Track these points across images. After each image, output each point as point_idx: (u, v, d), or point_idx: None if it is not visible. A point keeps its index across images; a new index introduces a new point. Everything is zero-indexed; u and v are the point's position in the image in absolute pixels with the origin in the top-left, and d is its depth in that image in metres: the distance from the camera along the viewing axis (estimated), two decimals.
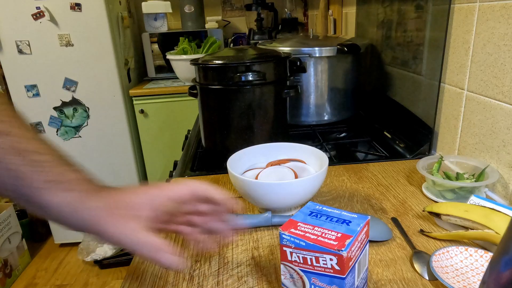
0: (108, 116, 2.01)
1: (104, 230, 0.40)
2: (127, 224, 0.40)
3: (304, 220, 0.40)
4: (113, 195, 0.41)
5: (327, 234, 0.38)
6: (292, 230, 0.39)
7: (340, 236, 0.37)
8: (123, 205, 0.41)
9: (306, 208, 0.43)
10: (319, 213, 0.42)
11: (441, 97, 0.81)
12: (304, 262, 0.38)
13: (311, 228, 0.39)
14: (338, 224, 0.39)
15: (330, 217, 0.40)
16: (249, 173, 0.66)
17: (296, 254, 0.38)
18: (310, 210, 0.42)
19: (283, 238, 0.39)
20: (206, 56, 0.84)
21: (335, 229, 0.38)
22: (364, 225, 0.39)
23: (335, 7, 1.62)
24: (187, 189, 0.44)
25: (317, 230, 0.38)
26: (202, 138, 0.90)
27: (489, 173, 0.62)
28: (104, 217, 0.40)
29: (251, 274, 0.48)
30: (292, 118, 1.04)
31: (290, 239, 0.38)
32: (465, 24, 0.71)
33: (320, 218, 0.41)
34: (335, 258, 0.36)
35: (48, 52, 1.88)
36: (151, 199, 0.42)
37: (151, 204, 0.41)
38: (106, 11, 1.85)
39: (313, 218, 0.41)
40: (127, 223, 0.40)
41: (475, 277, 0.45)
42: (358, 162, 0.82)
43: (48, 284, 1.95)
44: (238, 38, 2.51)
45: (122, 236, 0.39)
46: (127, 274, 0.51)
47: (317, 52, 1.00)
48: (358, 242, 0.38)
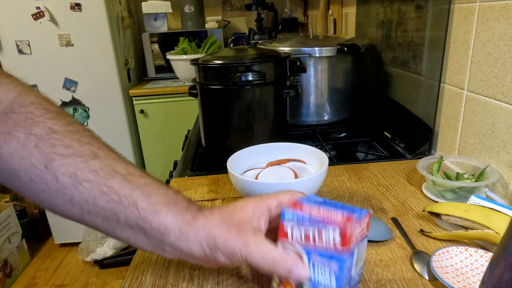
0: (108, 116, 2.01)
1: (212, 239, 0.38)
2: (248, 238, 0.38)
3: (308, 202, 0.40)
4: (223, 212, 0.40)
5: (333, 213, 0.37)
6: (298, 208, 0.38)
7: (345, 215, 0.37)
8: (237, 219, 0.39)
9: (309, 197, 0.43)
10: (324, 201, 0.41)
11: (441, 97, 0.81)
12: (305, 239, 0.37)
13: (316, 208, 0.38)
14: (342, 209, 0.39)
15: (334, 204, 0.40)
16: (249, 173, 0.66)
17: (297, 230, 0.38)
18: (314, 199, 0.42)
19: (285, 214, 0.38)
20: (206, 56, 0.84)
21: (340, 211, 0.38)
22: (367, 215, 0.39)
23: (335, 7, 1.62)
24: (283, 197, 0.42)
25: (323, 210, 0.38)
26: (202, 138, 0.90)
27: (489, 173, 0.62)
28: (225, 233, 0.38)
29: (251, 274, 0.48)
30: (292, 118, 1.04)
31: (293, 214, 0.38)
32: (465, 24, 0.71)
33: (324, 204, 0.40)
34: (338, 230, 0.35)
35: (48, 52, 1.88)
36: (261, 211, 0.40)
37: (263, 215, 0.40)
38: (106, 11, 1.85)
39: (317, 203, 0.40)
40: (247, 236, 0.38)
41: (475, 277, 0.45)
42: (358, 162, 0.82)
43: (48, 284, 1.95)
44: (238, 38, 2.51)
45: (244, 250, 0.37)
46: (127, 274, 0.51)
47: (317, 52, 1.00)
48: (360, 226, 0.37)
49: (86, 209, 0.38)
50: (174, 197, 0.40)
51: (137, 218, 0.38)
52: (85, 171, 0.37)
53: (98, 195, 0.37)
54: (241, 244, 0.37)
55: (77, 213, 0.38)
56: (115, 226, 0.39)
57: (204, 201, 0.69)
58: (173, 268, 0.51)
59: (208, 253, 0.39)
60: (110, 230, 0.39)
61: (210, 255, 0.39)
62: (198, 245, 0.38)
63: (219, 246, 0.38)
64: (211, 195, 0.71)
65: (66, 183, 0.37)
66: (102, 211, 0.38)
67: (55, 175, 0.37)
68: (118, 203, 0.38)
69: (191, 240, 0.38)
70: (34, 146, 0.37)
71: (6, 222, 1.95)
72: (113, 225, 0.39)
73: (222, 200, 0.68)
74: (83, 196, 0.37)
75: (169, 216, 0.38)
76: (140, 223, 0.38)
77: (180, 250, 0.39)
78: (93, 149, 0.39)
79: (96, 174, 0.37)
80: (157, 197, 0.39)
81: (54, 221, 2.16)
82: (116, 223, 0.38)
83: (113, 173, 0.38)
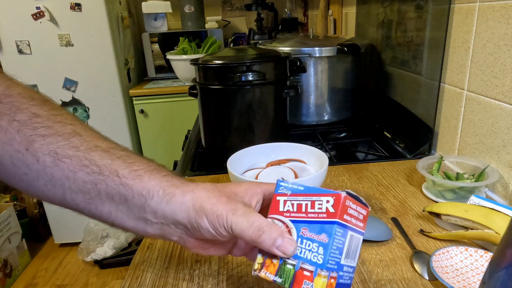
0: (108, 116, 2.01)
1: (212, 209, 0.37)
2: (237, 205, 0.37)
3: None
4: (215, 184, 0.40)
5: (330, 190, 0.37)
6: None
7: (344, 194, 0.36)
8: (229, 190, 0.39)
9: None
10: None
11: (441, 97, 0.81)
12: (297, 210, 0.36)
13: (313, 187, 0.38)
14: None
15: None
16: (249, 173, 0.66)
17: (290, 202, 0.37)
18: None
19: (279, 186, 0.38)
20: (206, 56, 0.84)
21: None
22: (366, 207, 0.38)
23: (335, 7, 1.62)
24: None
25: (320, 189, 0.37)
26: (202, 138, 0.90)
27: (489, 173, 0.62)
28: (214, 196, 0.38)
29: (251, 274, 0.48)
30: (292, 118, 1.04)
31: (287, 186, 0.37)
32: (465, 24, 0.71)
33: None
34: (332, 198, 0.35)
35: (48, 52, 1.88)
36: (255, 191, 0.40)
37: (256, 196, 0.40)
38: (106, 11, 1.85)
39: None
40: (237, 204, 0.38)
41: (475, 277, 0.45)
42: (358, 162, 0.82)
43: (48, 284, 1.95)
44: (238, 38, 2.51)
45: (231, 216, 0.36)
46: (127, 274, 0.51)
47: (317, 52, 1.00)
48: (357, 212, 0.37)
49: (67, 186, 0.37)
50: (157, 166, 0.40)
51: (118, 186, 0.37)
52: (66, 148, 0.37)
53: (79, 169, 0.37)
54: (229, 210, 0.37)
55: (58, 193, 0.38)
56: (96, 200, 0.38)
57: None
58: (173, 268, 0.51)
59: (192, 217, 0.37)
60: (91, 206, 0.38)
61: (194, 220, 0.37)
62: (183, 207, 0.37)
63: (206, 209, 0.37)
64: None
65: (47, 162, 0.36)
66: (83, 185, 0.37)
67: (36, 155, 0.36)
68: (98, 173, 0.37)
69: (177, 201, 0.37)
70: (17, 131, 0.36)
71: (6, 222, 1.95)
72: (94, 200, 0.38)
73: None
74: (63, 172, 0.37)
75: (153, 179, 0.38)
76: (122, 191, 0.37)
77: (162, 215, 0.38)
78: (75, 129, 0.38)
79: (77, 150, 0.37)
80: (140, 165, 0.38)
81: (54, 221, 2.16)
82: (97, 196, 0.37)
83: (94, 148, 0.38)
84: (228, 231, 0.37)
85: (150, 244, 0.57)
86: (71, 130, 0.38)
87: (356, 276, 0.46)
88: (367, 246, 0.53)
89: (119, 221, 0.39)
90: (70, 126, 0.38)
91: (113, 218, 0.39)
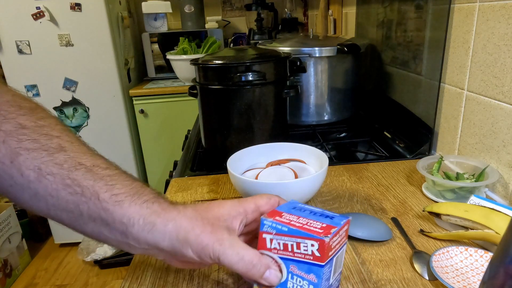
0: (108, 116, 2.01)
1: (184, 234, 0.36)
2: (223, 235, 0.37)
3: (288, 211, 0.40)
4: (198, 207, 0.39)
5: (312, 223, 0.37)
6: (277, 218, 0.38)
7: (325, 226, 0.37)
8: (212, 215, 0.39)
9: (289, 204, 0.43)
10: (303, 208, 0.41)
11: (441, 97, 0.81)
12: (284, 249, 0.37)
13: (295, 218, 0.39)
14: (322, 217, 0.39)
15: (314, 212, 0.40)
16: (249, 173, 0.66)
17: (276, 240, 0.38)
18: (293, 206, 0.42)
19: (264, 225, 0.38)
20: (206, 56, 0.84)
21: (319, 220, 0.38)
22: (346, 222, 0.39)
23: (335, 7, 1.62)
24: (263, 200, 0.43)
25: (302, 220, 0.38)
26: (202, 138, 0.90)
27: (489, 173, 0.62)
28: (198, 226, 0.37)
29: None
30: (292, 118, 1.04)
31: (271, 225, 0.38)
32: (465, 24, 0.71)
33: (304, 212, 0.40)
34: (317, 243, 0.35)
35: (48, 52, 1.88)
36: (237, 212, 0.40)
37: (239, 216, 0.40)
38: (106, 11, 1.85)
39: (297, 211, 0.40)
40: (222, 233, 0.37)
41: (475, 277, 0.45)
42: (358, 162, 0.82)
43: (48, 284, 1.95)
44: (238, 38, 2.51)
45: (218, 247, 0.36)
46: (127, 274, 0.51)
47: (317, 52, 1.00)
48: (339, 236, 0.38)
49: (50, 203, 0.37)
50: (139, 189, 0.39)
51: (99, 210, 0.37)
52: (50, 164, 0.37)
53: (62, 188, 0.37)
54: (215, 240, 0.36)
55: (43, 208, 0.38)
56: (79, 220, 0.38)
57: (204, 201, 0.68)
58: (173, 268, 0.51)
59: (177, 246, 0.37)
60: (75, 224, 0.38)
61: (178, 250, 0.37)
62: (166, 237, 0.37)
63: (190, 240, 0.36)
64: (211, 195, 0.71)
65: (31, 177, 0.36)
66: (66, 204, 0.37)
67: (20, 169, 0.36)
68: (80, 195, 0.37)
69: (159, 231, 0.37)
70: (2, 142, 0.36)
71: (6, 222, 1.95)
72: (77, 219, 0.38)
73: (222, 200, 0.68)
74: (47, 189, 0.37)
75: (133, 206, 0.37)
76: (102, 215, 0.37)
77: (145, 242, 0.37)
78: (61, 143, 0.38)
79: (60, 167, 0.37)
80: (121, 188, 0.38)
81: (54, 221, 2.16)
82: (80, 216, 0.37)
83: (77, 165, 0.37)
84: (214, 260, 0.37)
85: None
86: (56, 144, 0.38)
87: (356, 276, 0.46)
88: (367, 246, 0.53)
89: (104, 240, 0.39)
90: (56, 139, 0.38)
91: (97, 237, 0.39)
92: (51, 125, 0.39)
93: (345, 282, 0.45)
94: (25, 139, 0.37)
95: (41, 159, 0.37)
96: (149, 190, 0.40)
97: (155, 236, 0.37)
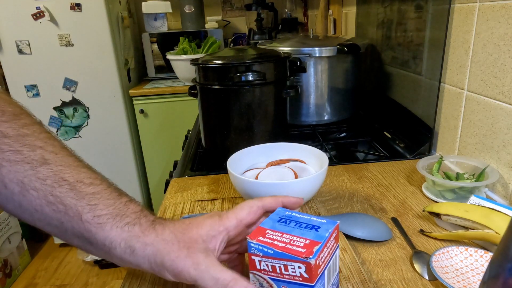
0: (108, 116, 2.01)
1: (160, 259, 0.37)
2: (198, 258, 0.37)
3: (272, 227, 0.40)
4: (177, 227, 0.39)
5: (296, 241, 0.37)
6: (261, 238, 0.38)
7: (308, 243, 0.37)
8: (189, 237, 0.38)
9: (275, 215, 0.42)
10: (288, 219, 0.41)
11: (441, 97, 0.81)
12: (273, 271, 0.37)
13: (279, 235, 0.38)
14: (307, 230, 0.39)
15: (299, 223, 0.40)
16: (249, 173, 0.66)
17: (264, 262, 0.37)
18: (280, 216, 0.42)
19: (251, 247, 0.38)
20: (206, 56, 0.84)
21: (303, 235, 0.38)
22: (333, 231, 0.39)
23: (335, 7, 1.62)
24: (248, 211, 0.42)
25: (286, 237, 0.38)
26: (202, 138, 0.90)
27: (489, 173, 0.62)
28: (173, 251, 0.37)
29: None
30: (292, 118, 1.04)
31: (258, 248, 0.37)
32: (465, 24, 0.71)
33: (289, 225, 0.40)
34: (304, 266, 0.35)
35: (48, 52, 1.88)
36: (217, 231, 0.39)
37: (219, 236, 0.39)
38: (106, 11, 1.85)
39: (282, 224, 0.40)
40: (198, 257, 0.37)
41: (475, 277, 0.45)
42: (358, 162, 0.82)
43: (48, 284, 1.95)
44: (238, 38, 2.51)
45: (193, 272, 0.36)
46: (127, 274, 0.51)
47: (317, 52, 1.00)
48: (327, 248, 0.38)
49: (36, 217, 0.38)
50: (122, 208, 0.39)
51: (82, 230, 0.37)
52: (33, 179, 0.36)
53: (45, 204, 0.37)
54: (190, 265, 0.36)
55: (28, 219, 0.38)
56: (65, 235, 0.39)
57: (204, 201, 0.69)
58: None
59: (155, 269, 0.38)
60: (62, 237, 0.39)
61: (157, 272, 0.38)
62: (145, 260, 0.37)
63: (166, 265, 0.37)
64: (211, 195, 0.71)
65: (15, 190, 0.36)
66: (50, 220, 0.37)
67: (4, 181, 0.36)
68: (64, 213, 0.37)
69: (139, 255, 0.37)
70: None
71: (6, 222, 1.95)
72: (63, 234, 0.39)
73: (222, 200, 0.68)
74: (31, 204, 0.37)
75: (114, 230, 0.37)
76: (86, 235, 0.37)
77: (128, 263, 0.38)
78: (44, 154, 0.38)
79: (43, 183, 0.36)
80: (103, 208, 0.38)
81: None
82: (65, 232, 0.38)
83: (60, 181, 0.37)
84: (193, 283, 0.37)
85: None
86: (40, 156, 0.37)
87: (356, 276, 0.46)
88: (367, 246, 0.53)
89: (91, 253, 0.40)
90: (39, 150, 0.37)
91: (85, 250, 0.40)
92: (34, 133, 0.38)
93: (345, 282, 0.45)
94: (7, 150, 0.36)
95: (24, 172, 0.36)
96: (131, 209, 0.39)
97: (137, 259, 0.38)
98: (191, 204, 0.68)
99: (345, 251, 0.51)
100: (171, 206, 0.67)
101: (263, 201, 0.43)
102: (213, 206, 0.66)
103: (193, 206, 0.67)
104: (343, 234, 0.54)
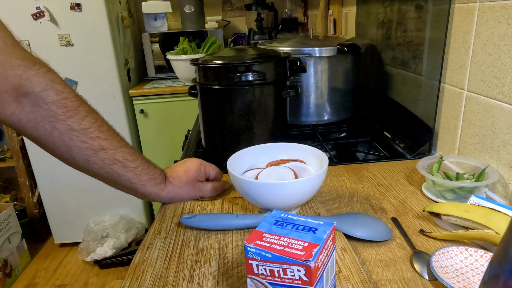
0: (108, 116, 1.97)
1: (179, 197, 0.67)
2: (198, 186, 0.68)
3: (269, 230, 0.39)
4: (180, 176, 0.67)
5: (294, 244, 0.37)
6: (258, 242, 0.38)
7: (306, 245, 0.36)
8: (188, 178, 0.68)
9: (271, 217, 0.42)
10: (285, 222, 0.41)
11: (441, 97, 0.81)
12: (271, 275, 0.37)
13: (277, 238, 0.38)
14: (304, 232, 0.38)
15: (296, 226, 0.40)
16: (249, 173, 0.66)
17: (262, 266, 0.37)
18: (275, 219, 0.41)
19: (248, 251, 0.37)
20: (206, 56, 0.84)
21: (301, 238, 0.38)
22: (330, 232, 0.38)
23: (335, 7, 1.62)
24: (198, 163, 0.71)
25: (283, 240, 0.37)
26: (202, 138, 0.90)
27: (489, 173, 0.62)
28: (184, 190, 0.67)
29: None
30: (292, 118, 1.04)
31: (255, 252, 0.37)
32: (465, 24, 0.71)
33: (285, 227, 0.40)
34: (303, 269, 0.35)
35: (48, 52, 1.88)
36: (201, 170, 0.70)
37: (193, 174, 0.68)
38: (106, 11, 1.85)
39: (278, 227, 0.40)
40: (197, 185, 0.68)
41: (475, 277, 0.45)
42: (358, 162, 0.82)
43: (48, 284, 1.95)
44: (238, 38, 2.51)
45: (198, 192, 0.68)
46: (127, 274, 0.51)
47: (317, 52, 1.00)
48: (325, 250, 0.37)
49: (97, 175, 0.60)
50: (153, 174, 0.63)
51: (130, 187, 0.62)
52: (95, 158, 0.57)
53: (105, 172, 0.59)
54: (198, 192, 0.68)
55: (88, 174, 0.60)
56: (115, 186, 0.62)
57: (204, 201, 0.69)
58: (173, 268, 0.51)
59: (171, 201, 0.68)
60: (112, 186, 0.62)
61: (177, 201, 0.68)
62: (166, 199, 0.67)
63: (184, 198, 0.68)
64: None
65: (81, 163, 0.57)
66: (106, 179, 0.61)
67: (73, 156, 0.56)
68: (118, 177, 0.60)
69: (165, 198, 0.66)
70: (58, 137, 0.54)
71: (6, 222, 1.95)
72: (113, 186, 0.62)
73: (222, 200, 0.69)
74: (92, 170, 0.58)
75: (150, 187, 0.63)
76: (132, 189, 0.63)
77: (153, 200, 0.66)
78: (101, 143, 0.57)
79: (102, 162, 0.58)
80: (144, 176, 0.62)
81: (54, 221, 2.16)
82: (114, 185, 0.62)
83: (114, 161, 0.58)
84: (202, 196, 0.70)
85: (150, 244, 0.57)
86: (98, 144, 0.56)
87: (356, 276, 0.46)
88: (367, 246, 0.53)
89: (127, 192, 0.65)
90: (97, 140, 0.56)
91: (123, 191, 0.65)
92: (93, 125, 0.56)
93: (345, 282, 0.45)
94: (76, 139, 0.55)
95: (89, 154, 0.56)
96: (158, 173, 0.64)
97: (161, 199, 0.66)
98: (191, 204, 0.68)
99: (345, 251, 0.51)
100: (171, 206, 0.67)
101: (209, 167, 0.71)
102: (213, 206, 0.67)
103: (193, 206, 0.67)
104: (343, 234, 0.55)
